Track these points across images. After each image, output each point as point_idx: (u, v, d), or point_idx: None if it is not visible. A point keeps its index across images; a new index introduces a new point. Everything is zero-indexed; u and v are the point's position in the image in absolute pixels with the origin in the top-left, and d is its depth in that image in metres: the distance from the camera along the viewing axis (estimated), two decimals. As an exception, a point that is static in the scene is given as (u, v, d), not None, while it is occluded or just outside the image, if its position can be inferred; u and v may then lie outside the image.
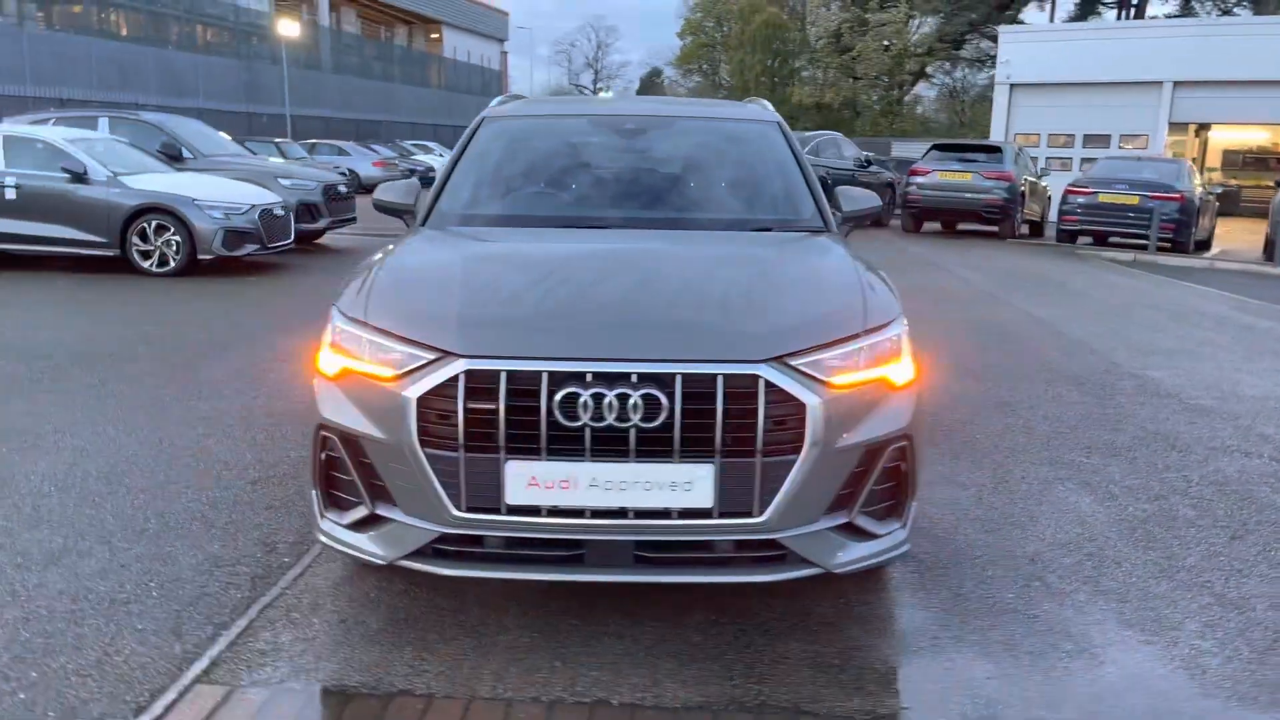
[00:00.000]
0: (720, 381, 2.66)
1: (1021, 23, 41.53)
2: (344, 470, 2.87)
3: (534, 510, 2.68)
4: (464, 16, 55.59)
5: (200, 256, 10.44)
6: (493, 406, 2.64)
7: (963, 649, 3.00)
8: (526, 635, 3.01)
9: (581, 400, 2.61)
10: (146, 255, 10.45)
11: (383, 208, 4.12)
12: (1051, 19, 43.08)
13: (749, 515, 2.71)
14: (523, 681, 2.75)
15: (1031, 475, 4.58)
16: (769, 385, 2.68)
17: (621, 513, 2.68)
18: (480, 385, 2.66)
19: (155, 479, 4.26)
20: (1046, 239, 18.66)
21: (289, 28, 32.74)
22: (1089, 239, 17.36)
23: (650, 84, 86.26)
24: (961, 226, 19.09)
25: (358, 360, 2.85)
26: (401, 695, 2.68)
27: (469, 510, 2.70)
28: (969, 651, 2.99)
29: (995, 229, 18.14)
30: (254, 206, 10.82)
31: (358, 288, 3.10)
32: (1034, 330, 8.23)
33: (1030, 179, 18.71)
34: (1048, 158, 25.35)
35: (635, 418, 2.61)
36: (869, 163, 19.65)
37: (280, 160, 19.11)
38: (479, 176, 4.12)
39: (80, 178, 10.48)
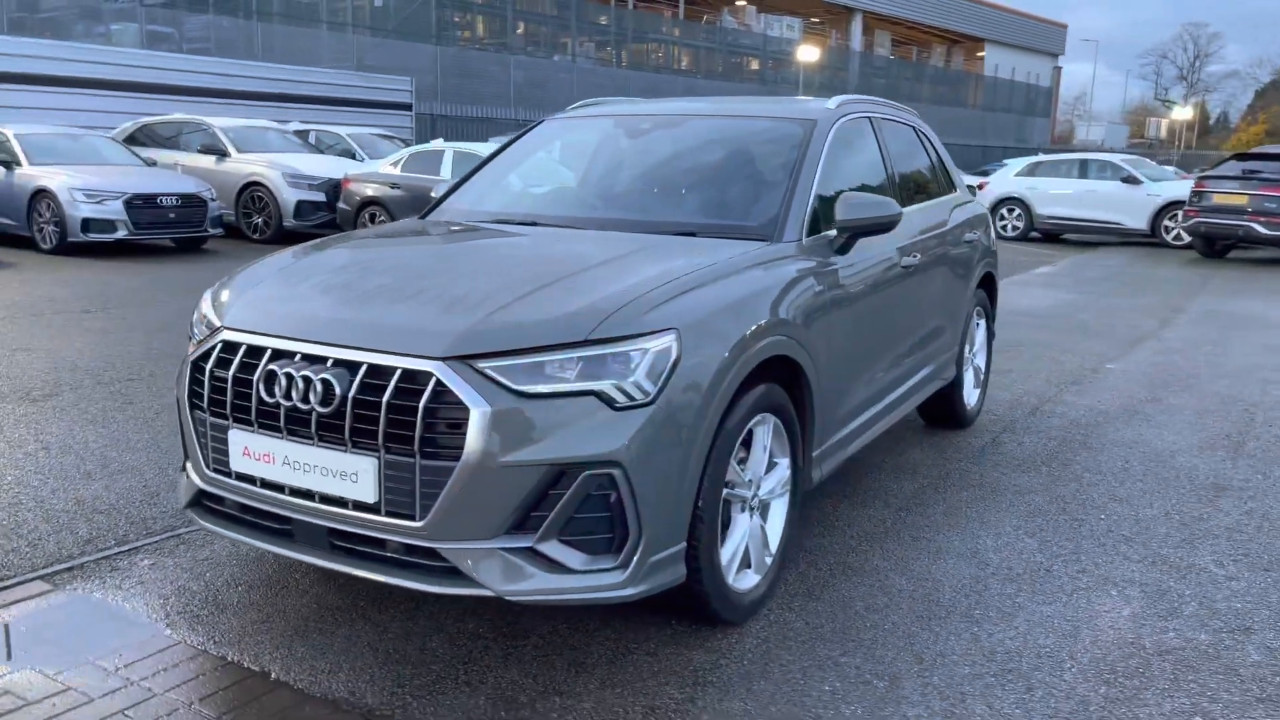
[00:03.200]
0: (396, 374, 2.60)
1: None
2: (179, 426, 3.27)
3: (251, 479, 2.85)
4: (1013, 32, 53.20)
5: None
6: (225, 375, 2.86)
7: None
8: (308, 611, 3.15)
9: (277, 378, 2.72)
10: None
11: (427, 202, 4.47)
12: None
13: (411, 519, 2.60)
14: (232, 646, 2.91)
15: (1095, 572, 3.53)
16: (438, 384, 2.55)
17: (310, 495, 2.74)
18: (227, 355, 2.89)
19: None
20: None
21: (809, 53, 34.20)
22: None
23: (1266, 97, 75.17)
24: None
25: (195, 330, 3.23)
26: (138, 626, 3.02)
27: (213, 470, 2.95)
28: (671, 730, 2.53)
29: None
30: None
31: None
32: None
33: None
34: None
35: (314, 401, 2.66)
36: None
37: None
38: (493, 173, 4.28)
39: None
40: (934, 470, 4.64)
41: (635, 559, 2.63)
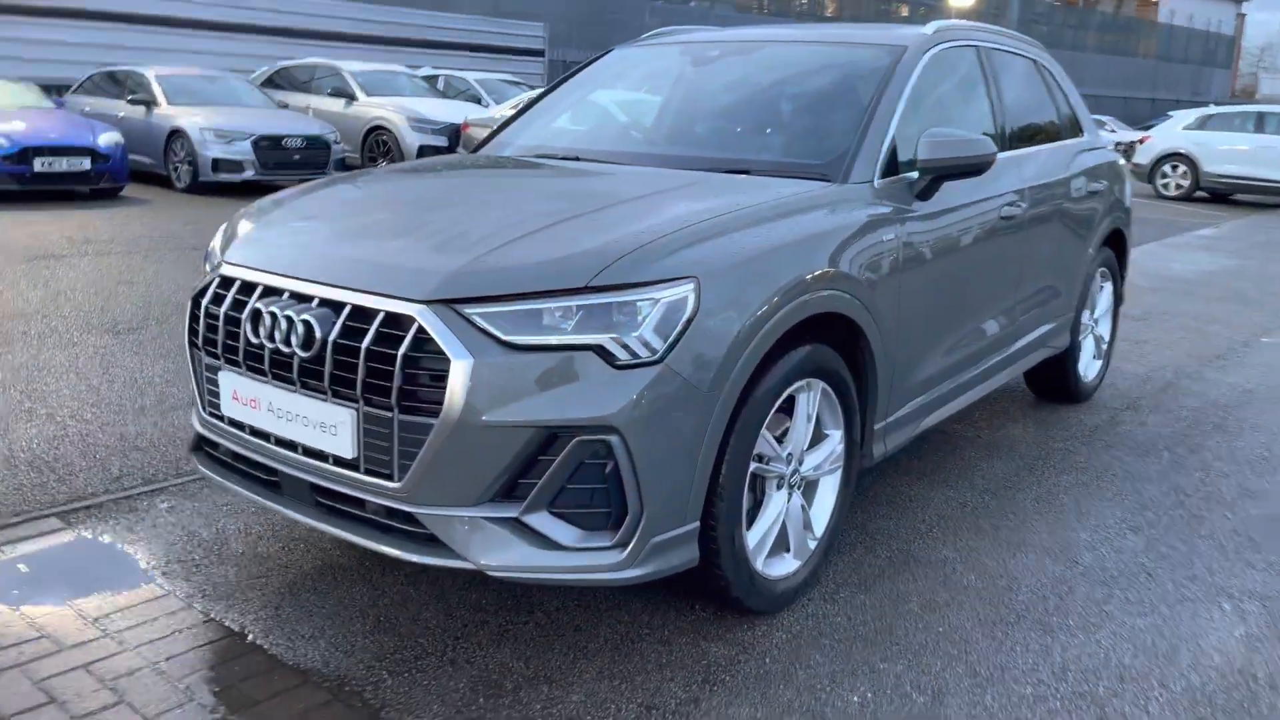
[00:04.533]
0: (379, 318, 2.33)
1: None
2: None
3: (241, 426, 2.65)
4: (1193, -24, 49.14)
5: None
6: (218, 312, 2.65)
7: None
8: (310, 568, 2.95)
9: (262, 317, 2.50)
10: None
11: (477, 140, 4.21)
12: None
13: (390, 478, 2.34)
14: (220, 600, 2.73)
15: (1209, 581, 3.00)
16: (420, 330, 2.27)
17: (294, 446, 2.52)
18: (222, 291, 2.69)
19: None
20: None
21: (963, -2, 32.39)
22: None
23: None
24: None
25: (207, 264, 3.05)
26: (134, 574, 2.88)
27: (208, 413, 2.77)
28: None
29: None
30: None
31: None
32: None
33: None
34: None
35: (295, 344, 2.42)
36: None
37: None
38: (552, 105, 3.95)
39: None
40: (1033, 450, 4.12)
41: (635, 538, 2.31)
